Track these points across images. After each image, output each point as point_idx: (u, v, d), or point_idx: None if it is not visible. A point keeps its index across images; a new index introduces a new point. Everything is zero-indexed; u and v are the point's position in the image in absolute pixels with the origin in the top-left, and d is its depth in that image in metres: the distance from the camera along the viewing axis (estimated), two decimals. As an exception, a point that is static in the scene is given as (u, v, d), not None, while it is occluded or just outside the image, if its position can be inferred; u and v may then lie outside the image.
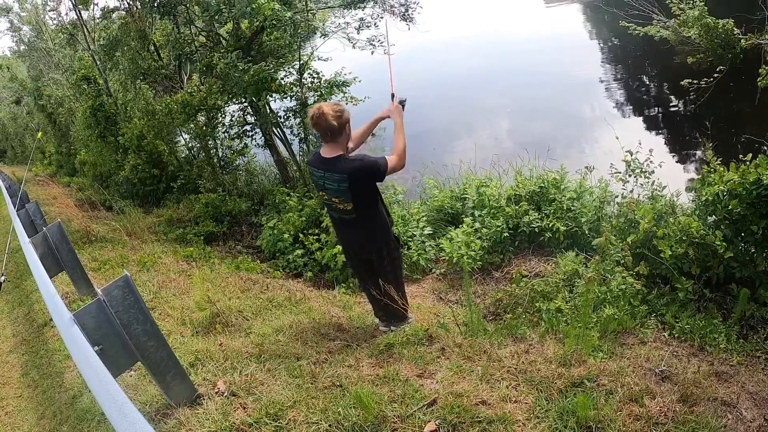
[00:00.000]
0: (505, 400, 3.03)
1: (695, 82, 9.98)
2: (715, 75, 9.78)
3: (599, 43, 21.08)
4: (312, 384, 3.39)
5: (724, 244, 4.34)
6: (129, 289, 3.01)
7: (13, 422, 4.12)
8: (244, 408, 3.17)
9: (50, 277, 4.63)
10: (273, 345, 4.18)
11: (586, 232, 5.92)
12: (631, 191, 5.85)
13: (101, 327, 2.96)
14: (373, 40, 10.92)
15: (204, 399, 3.29)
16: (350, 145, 3.99)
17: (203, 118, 11.24)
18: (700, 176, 5.19)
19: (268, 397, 3.23)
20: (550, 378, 3.20)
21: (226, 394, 3.35)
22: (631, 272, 4.80)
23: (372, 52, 10.80)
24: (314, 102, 9.60)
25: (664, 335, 4.21)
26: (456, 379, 3.33)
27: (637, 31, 11.46)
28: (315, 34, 11.43)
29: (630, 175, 5.89)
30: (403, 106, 4.17)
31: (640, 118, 13.64)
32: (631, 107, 14.56)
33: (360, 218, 3.98)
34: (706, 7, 10.00)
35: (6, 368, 5.16)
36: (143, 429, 1.89)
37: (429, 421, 2.85)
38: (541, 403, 2.97)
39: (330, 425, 2.88)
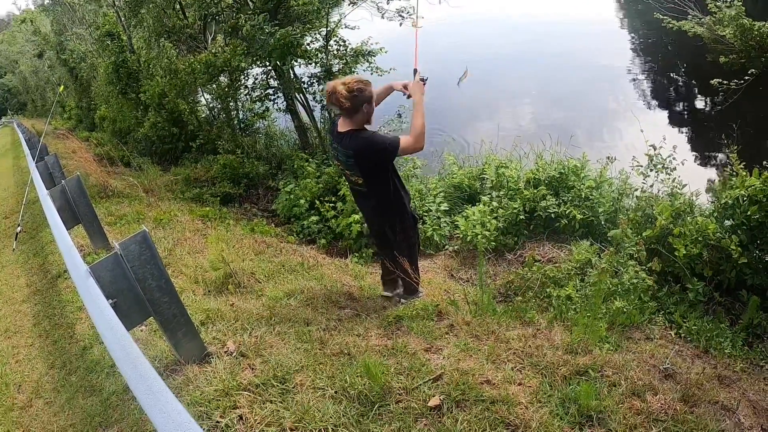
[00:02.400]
0: (509, 381, 3.04)
1: (725, 82, 9.80)
2: (746, 77, 9.59)
3: (630, 33, 20.76)
4: (320, 350, 3.42)
5: (739, 249, 4.29)
6: (146, 244, 3.01)
7: (23, 370, 4.19)
8: (252, 369, 3.20)
9: (67, 230, 4.67)
10: (284, 309, 4.22)
11: (602, 222, 5.87)
12: (651, 186, 5.78)
13: (116, 281, 2.98)
14: (402, 12, 10.77)
15: (213, 358, 3.32)
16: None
17: (226, 79, 11.23)
18: (721, 178, 5.11)
19: (276, 359, 3.25)
20: (555, 364, 3.20)
21: (235, 354, 3.38)
22: (644, 267, 4.77)
23: (400, 24, 10.66)
24: (339, 70, 9.55)
25: (670, 334, 4.19)
26: (462, 356, 3.34)
27: (671, 25, 11.25)
28: (344, 1, 11.29)
29: (651, 170, 5.80)
30: (425, 83, 4.00)
31: (665, 113, 13.47)
32: (656, 101, 14.37)
33: (371, 192, 3.95)
34: (743, 8, 9.78)
35: (18, 317, 5.25)
36: (154, 382, 1.91)
37: (434, 396, 2.87)
38: (545, 387, 2.97)
39: (336, 392, 2.91)
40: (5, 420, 3.62)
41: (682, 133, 12.14)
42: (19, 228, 7.10)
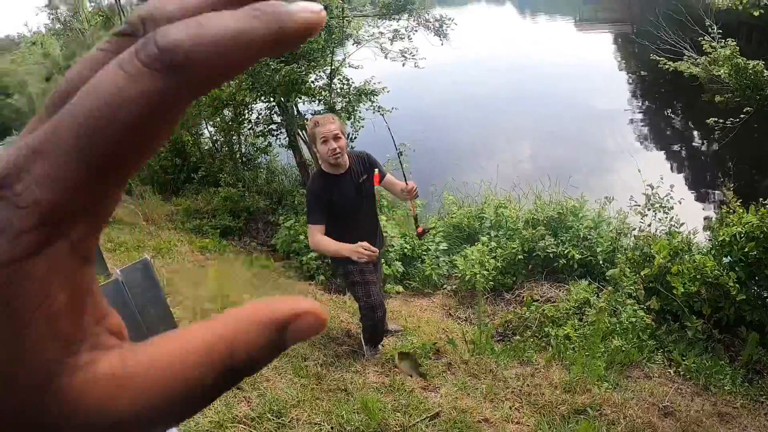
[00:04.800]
0: (507, 420, 3.05)
1: (721, 121, 9.96)
2: (742, 115, 9.76)
3: (627, 74, 21.08)
4: (317, 385, 3.42)
5: (737, 286, 4.34)
6: (148, 272, 3.05)
7: None
8: (248, 402, 3.19)
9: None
10: None
11: (601, 262, 5.92)
12: (649, 225, 5.86)
13: (115, 307, 2.86)
14: (405, 52, 10.99)
15: None
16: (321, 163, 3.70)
17: (230, 112, 11.34)
18: (718, 216, 5.19)
19: (272, 393, 3.24)
20: (553, 403, 3.22)
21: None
22: (643, 306, 4.81)
23: (403, 64, 10.89)
24: (342, 108, 9.69)
25: (669, 372, 4.21)
26: (460, 395, 3.36)
27: (667, 66, 11.45)
28: (348, 40, 11.51)
29: (649, 209, 5.89)
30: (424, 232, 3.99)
31: (662, 153, 13.62)
32: (653, 141, 14.55)
33: None
34: (737, 47, 9.99)
35: None
36: None
37: None
38: (543, 427, 2.99)
39: (332, 427, 2.91)
40: None
41: (680, 172, 12.28)
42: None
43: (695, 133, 14.49)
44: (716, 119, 10.02)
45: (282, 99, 9.37)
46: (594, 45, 26.37)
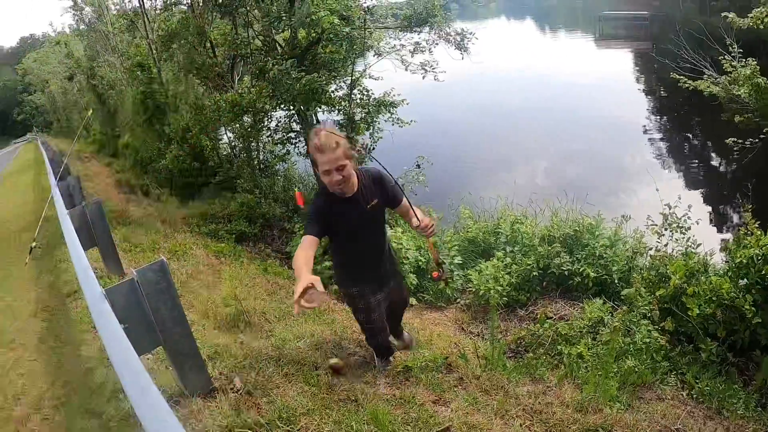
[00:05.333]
0: (517, 437, 3.03)
1: (740, 141, 9.90)
2: (761, 136, 9.68)
3: (646, 92, 21.04)
4: (327, 395, 3.40)
5: (753, 309, 4.29)
6: (163, 274, 3.03)
7: (23, 383, 4.15)
8: (258, 408, 3.19)
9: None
10: (293, 351, 4.20)
11: (616, 281, 5.87)
12: (666, 245, 5.81)
13: (130, 306, 3.00)
14: (426, 65, 11.05)
15: (218, 393, 3.31)
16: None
17: (249, 119, 11.45)
18: (735, 238, 5.14)
19: (282, 400, 3.24)
20: (564, 422, 3.20)
21: (241, 391, 3.37)
22: (657, 327, 4.76)
23: (423, 77, 10.95)
24: (361, 118, 9.75)
25: (682, 394, 4.16)
26: (471, 410, 3.33)
27: (687, 85, 11.39)
28: (369, 52, 11.59)
29: (666, 229, 5.84)
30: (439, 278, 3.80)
31: (680, 172, 13.57)
32: (671, 159, 14.49)
33: None
34: (758, 67, 9.93)
35: (25, 331, 5.20)
36: (163, 411, 1.87)
37: None
38: (553, 446, 2.97)
39: None
40: None
41: (697, 191, 12.21)
42: (34, 244, 7.16)
43: (714, 152, 14.44)
44: (735, 139, 9.97)
45: (302, 108, 9.45)
46: (613, 62, 26.37)
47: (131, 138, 17.38)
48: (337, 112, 10.05)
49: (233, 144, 13.40)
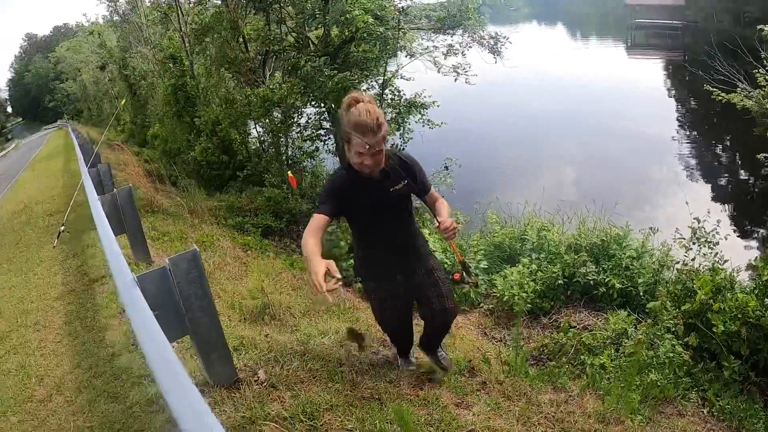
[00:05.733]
0: (538, 445, 3.04)
1: (772, 157, 9.76)
2: (795, 152, 9.56)
3: (676, 103, 20.79)
4: (351, 392, 3.41)
5: (778, 327, 4.25)
6: (195, 263, 3.05)
7: (47, 365, 4.23)
8: (281, 401, 3.21)
9: (113, 237, 4.73)
10: (317, 346, 4.22)
11: (641, 293, 5.81)
12: (693, 260, 5.75)
13: (160, 294, 3.01)
14: (458, 68, 11.05)
15: (242, 384, 3.34)
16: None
17: (279, 115, 11.53)
18: (763, 255, 5.08)
19: (306, 395, 3.26)
20: (586, 431, 3.20)
21: (265, 384, 3.39)
22: (681, 342, 4.73)
23: (455, 79, 10.95)
24: (392, 119, 9.77)
25: (703, 411, 4.12)
26: (493, 415, 3.34)
27: (720, 98, 11.25)
28: (401, 52, 11.61)
29: (694, 243, 5.78)
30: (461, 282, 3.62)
31: (709, 186, 13.41)
32: (700, 173, 14.33)
33: None
34: (792, 81, 9.80)
35: (50, 313, 5.29)
36: (195, 398, 1.86)
37: None
38: (575, 455, 2.97)
39: None
40: (20, 410, 3.65)
41: (725, 206, 12.05)
42: (62, 227, 7.26)
43: (744, 167, 14.24)
44: (767, 155, 9.81)
45: (332, 106, 9.50)
46: (644, 71, 26.08)
47: (160, 129, 17.60)
48: (367, 111, 10.09)
49: (262, 138, 13.49)
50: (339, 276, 2.44)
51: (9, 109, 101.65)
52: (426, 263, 3.47)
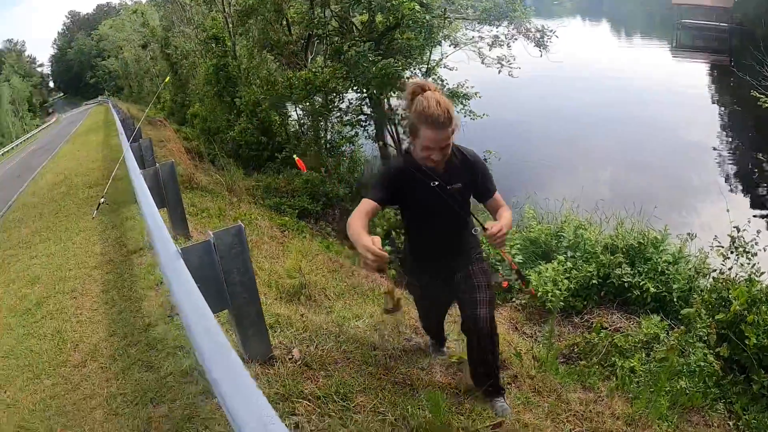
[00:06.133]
0: (567, 442, 3.04)
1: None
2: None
3: (720, 108, 20.29)
4: (384, 376, 3.44)
5: (810, 346, 4.19)
6: (239, 239, 3.07)
7: (83, 331, 4.33)
8: (315, 381, 3.24)
9: (154, 210, 4.76)
10: (351, 329, 4.24)
11: (675, 299, 5.75)
12: (730, 269, 5.66)
13: (203, 267, 3.01)
14: (503, 60, 10.97)
15: (276, 362, 3.37)
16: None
17: (321, 99, 11.55)
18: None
19: (339, 376, 3.28)
20: (614, 433, 3.19)
21: (299, 362, 3.42)
22: (712, 351, 4.68)
23: (499, 71, 10.87)
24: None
25: (729, 423, 4.08)
26: (523, 409, 3.34)
27: (767, 105, 10.97)
28: (446, 41, 11.54)
29: (732, 252, 5.70)
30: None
31: (749, 195, 13.12)
32: (741, 181, 14.02)
33: None
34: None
35: (88, 281, 5.39)
36: (238, 368, 1.85)
37: None
38: (602, 455, 2.97)
39: (396, 419, 2.93)
40: (55, 374, 3.73)
41: (763, 217, 11.79)
42: (102, 199, 7.38)
43: (787, 179, 13.91)
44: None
45: (375, 92, 9.51)
46: (688, 73, 25.50)
47: (200, 108, 17.79)
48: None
49: (302, 121, 13.56)
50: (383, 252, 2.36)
51: (51, 84, 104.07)
52: (471, 267, 3.19)
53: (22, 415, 3.42)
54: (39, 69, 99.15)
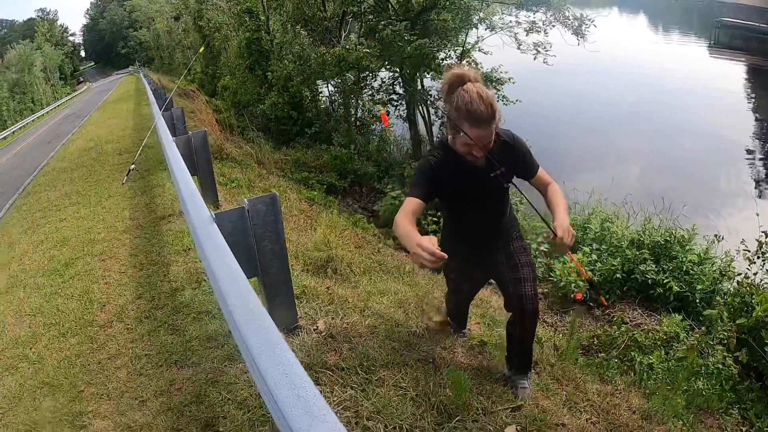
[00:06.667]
0: (582, 430, 3.07)
1: None
2: None
3: (756, 112, 19.83)
4: (407, 352, 3.48)
5: (829, 356, 4.16)
6: (273, 208, 3.10)
7: (110, 292, 4.43)
8: (338, 352, 3.30)
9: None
10: (376, 304, 4.28)
11: (697, 300, 5.74)
12: (755, 274, 5.61)
13: (236, 233, 3.05)
14: (539, 46, 10.85)
15: (302, 332, 3.45)
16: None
17: (353, 76, 11.53)
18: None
19: (363, 349, 3.34)
20: (630, 426, 3.21)
21: (324, 334, 3.49)
22: (731, 355, 4.66)
23: (534, 58, 10.76)
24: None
25: (742, 429, 4.08)
26: (541, 395, 3.37)
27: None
28: (482, 24, 11.41)
29: (758, 257, 5.64)
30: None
31: (778, 203, 12.88)
32: (770, 189, 13.76)
33: None
34: None
35: (116, 244, 5.51)
36: (272, 331, 1.88)
37: (510, 424, 2.92)
38: (617, 446, 2.99)
39: (417, 395, 2.98)
40: (81, 333, 3.84)
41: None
42: (132, 166, 7.50)
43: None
44: None
45: (408, 72, 9.48)
46: (725, 73, 24.95)
47: (231, 81, 17.85)
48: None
49: (333, 98, 13.55)
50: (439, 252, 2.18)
51: (82, 54, 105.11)
52: (511, 245, 3.16)
53: (46, 371, 3.53)
54: (71, 38, 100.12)
